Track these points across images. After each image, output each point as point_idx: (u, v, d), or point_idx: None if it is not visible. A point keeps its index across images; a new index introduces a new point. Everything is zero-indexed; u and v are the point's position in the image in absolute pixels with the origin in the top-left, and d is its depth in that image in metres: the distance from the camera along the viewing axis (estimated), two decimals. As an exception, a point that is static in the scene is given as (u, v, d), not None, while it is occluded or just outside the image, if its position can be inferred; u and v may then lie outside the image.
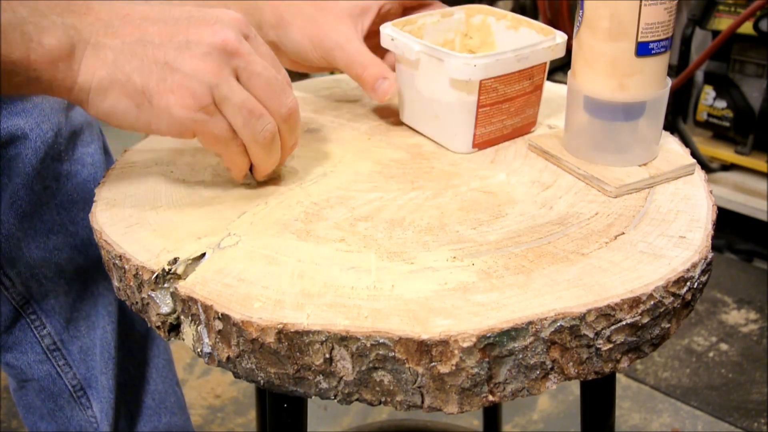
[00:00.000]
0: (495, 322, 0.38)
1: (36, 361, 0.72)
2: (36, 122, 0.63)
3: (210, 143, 0.47)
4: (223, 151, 0.48)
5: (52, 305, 0.70)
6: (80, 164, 0.68)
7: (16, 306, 0.69)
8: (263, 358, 0.40)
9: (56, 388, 0.73)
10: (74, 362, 0.73)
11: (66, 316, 0.71)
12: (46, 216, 0.67)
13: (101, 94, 0.44)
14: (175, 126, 0.45)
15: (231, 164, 0.49)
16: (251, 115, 0.46)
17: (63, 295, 0.70)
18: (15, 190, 0.63)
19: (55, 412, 0.75)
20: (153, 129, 0.45)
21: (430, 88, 0.57)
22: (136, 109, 0.44)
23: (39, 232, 0.67)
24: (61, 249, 0.68)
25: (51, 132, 0.64)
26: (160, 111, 0.44)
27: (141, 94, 0.44)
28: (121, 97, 0.44)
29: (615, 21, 0.48)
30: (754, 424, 1.23)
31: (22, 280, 0.68)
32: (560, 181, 0.53)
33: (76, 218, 0.69)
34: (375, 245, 0.45)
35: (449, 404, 0.39)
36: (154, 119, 0.44)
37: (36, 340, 0.71)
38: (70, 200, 0.68)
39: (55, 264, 0.68)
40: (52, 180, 0.66)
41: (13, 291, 0.68)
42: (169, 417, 0.81)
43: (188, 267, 0.44)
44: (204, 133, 0.45)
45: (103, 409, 0.74)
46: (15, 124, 0.62)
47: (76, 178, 0.68)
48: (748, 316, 1.49)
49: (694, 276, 0.42)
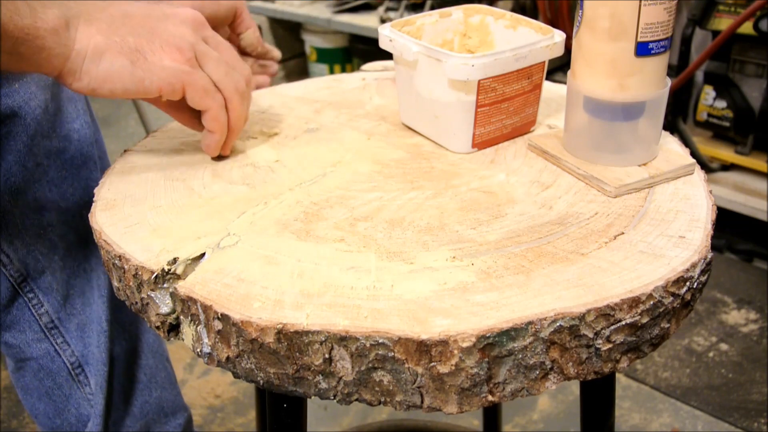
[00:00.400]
0: (494, 322, 0.38)
1: (34, 339, 0.73)
2: (24, 100, 0.64)
3: (199, 95, 0.51)
4: (209, 104, 0.52)
5: (48, 282, 0.71)
6: (68, 141, 0.70)
7: (13, 284, 0.69)
8: (263, 358, 0.40)
9: (55, 366, 0.74)
10: (72, 339, 0.74)
11: (63, 294, 0.72)
12: (39, 193, 0.68)
13: (96, 59, 0.48)
14: (166, 77, 0.50)
15: (214, 122, 0.53)
16: (229, 67, 0.53)
17: (58, 271, 0.71)
18: (8, 167, 0.65)
19: (54, 390, 0.75)
20: (146, 85, 0.49)
21: (429, 89, 0.57)
22: (132, 66, 0.49)
23: (33, 209, 0.68)
24: (54, 225, 0.69)
25: (39, 109, 0.65)
26: (153, 65, 0.49)
27: (136, 51, 0.49)
28: (117, 56, 0.48)
29: (615, 21, 0.48)
30: (754, 424, 1.23)
31: (20, 256, 0.68)
32: (560, 181, 0.53)
33: (66, 194, 0.70)
34: (375, 245, 0.45)
35: (449, 404, 0.39)
36: (148, 74, 0.49)
37: (34, 319, 0.72)
38: (61, 177, 0.69)
39: (48, 240, 0.69)
40: (43, 157, 0.67)
41: (11, 268, 0.68)
42: (160, 391, 0.82)
43: (188, 267, 0.44)
44: (192, 84, 0.51)
45: (98, 383, 0.75)
46: (5, 103, 0.63)
47: (64, 154, 0.69)
48: (748, 316, 1.49)
49: (693, 276, 0.42)
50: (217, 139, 0.55)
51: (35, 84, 0.65)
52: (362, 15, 2.34)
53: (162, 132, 0.64)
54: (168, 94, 0.51)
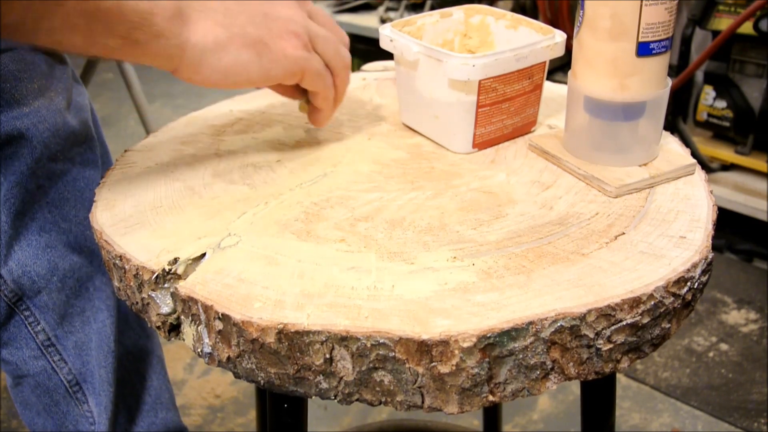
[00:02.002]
0: (495, 323, 0.38)
1: (31, 356, 0.72)
2: (33, 123, 0.64)
3: (314, 79, 0.52)
4: (321, 86, 0.54)
5: (44, 302, 0.70)
6: (72, 162, 0.69)
7: (8, 303, 0.69)
8: (263, 358, 0.40)
9: (51, 384, 0.74)
10: (69, 357, 0.73)
11: (60, 312, 0.72)
12: (38, 214, 0.67)
13: (219, 51, 0.48)
14: (290, 66, 0.50)
15: (325, 101, 0.55)
16: (338, 44, 0.54)
17: (56, 291, 0.71)
18: (9, 189, 0.64)
19: (51, 407, 0.75)
20: (271, 75, 0.50)
21: (430, 89, 0.57)
22: (258, 58, 0.49)
23: (30, 230, 0.67)
24: (54, 246, 0.69)
25: (48, 132, 0.65)
26: (278, 55, 0.50)
27: (259, 43, 0.49)
28: (242, 49, 0.48)
29: (616, 21, 0.48)
30: (754, 424, 1.23)
31: (14, 277, 0.68)
32: (560, 181, 0.53)
33: (68, 215, 0.69)
34: (375, 245, 0.45)
35: (449, 404, 0.39)
36: (273, 64, 0.50)
37: (30, 336, 0.71)
38: (62, 198, 0.69)
39: (47, 261, 0.69)
40: (45, 179, 0.67)
41: (4, 288, 0.68)
42: (164, 413, 0.82)
43: (188, 267, 0.44)
44: (309, 70, 0.52)
45: (101, 403, 0.75)
46: (13, 125, 0.62)
47: (67, 176, 0.69)
48: (748, 316, 1.49)
49: (694, 276, 0.42)
50: (327, 115, 0.57)
51: (46, 109, 0.65)
52: (362, 15, 2.34)
53: (162, 132, 0.64)
54: (287, 81, 0.52)
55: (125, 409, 0.77)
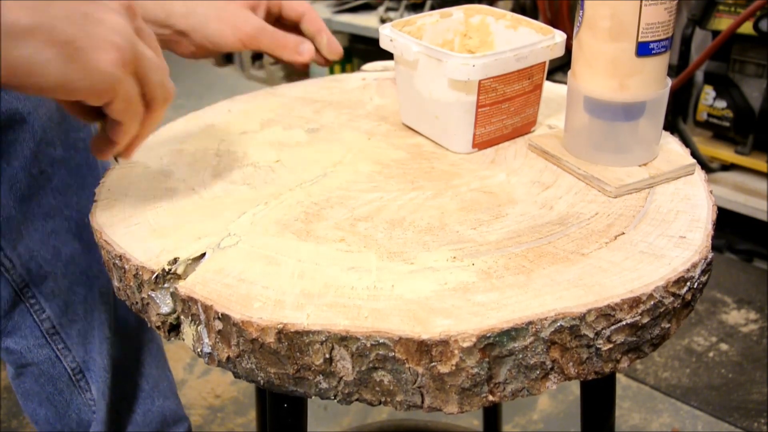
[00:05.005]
0: (495, 322, 0.38)
1: (36, 345, 0.73)
2: (33, 106, 0.64)
3: (123, 106, 0.42)
4: (128, 118, 0.44)
5: (50, 288, 0.71)
6: (73, 149, 0.70)
7: (16, 289, 0.70)
8: (263, 358, 0.40)
9: (55, 372, 0.74)
10: (73, 345, 0.74)
11: (64, 299, 0.72)
12: (43, 200, 0.68)
13: (16, 39, 0.37)
14: (100, 83, 0.40)
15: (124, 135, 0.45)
16: (165, 74, 0.44)
17: (61, 277, 0.71)
18: (14, 174, 0.65)
19: (54, 396, 0.75)
20: (72, 87, 0.39)
21: (430, 89, 0.57)
22: (62, 62, 0.38)
23: (36, 216, 0.68)
24: (58, 232, 0.70)
25: (46, 116, 0.65)
26: (88, 65, 0.39)
27: (69, 44, 0.38)
28: (45, 45, 0.37)
29: (615, 21, 0.48)
30: (754, 424, 1.23)
31: (23, 262, 0.69)
32: (560, 182, 0.53)
33: (71, 202, 0.70)
34: (375, 245, 0.45)
35: (449, 404, 0.39)
36: (80, 75, 0.39)
37: (35, 324, 0.72)
38: (65, 185, 0.69)
39: (52, 247, 0.70)
40: (47, 165, 0.67)
41: (13, 273, 0.69)
42: (162, 401, 0.82)
43: (188, 267, 0.44)
44: (122, 94, 0.41)
45: (100, 389, 0.75)
46: (14, 107, 0.63)
47: (69, 163, 0.69)
48: (748, 316, 1.49)
49: (694, 276, 0.42)
50: (117, 151, 0.47)
51: None
52: (362, 15, 2.34)
53: (162, 131, 0.64)
54: (91, 100, 0.41)
55: (123, 394, 0.78)
